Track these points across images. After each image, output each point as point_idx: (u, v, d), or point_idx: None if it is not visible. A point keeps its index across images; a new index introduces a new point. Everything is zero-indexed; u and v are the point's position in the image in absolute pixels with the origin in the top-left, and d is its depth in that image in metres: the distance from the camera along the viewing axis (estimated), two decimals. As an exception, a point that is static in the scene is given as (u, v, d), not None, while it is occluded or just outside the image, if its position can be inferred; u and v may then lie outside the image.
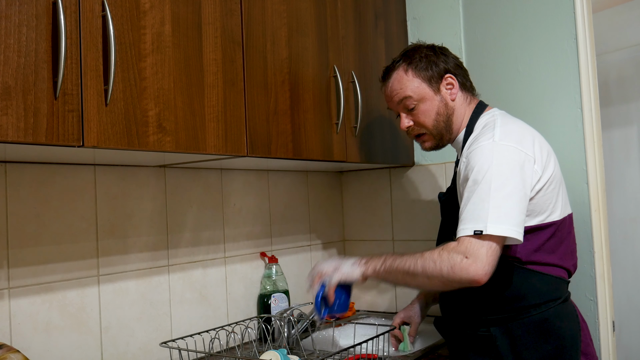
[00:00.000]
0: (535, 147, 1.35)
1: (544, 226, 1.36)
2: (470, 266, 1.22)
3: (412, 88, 1.48)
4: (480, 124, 1.45)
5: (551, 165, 1.38)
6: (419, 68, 1.48)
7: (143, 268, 1.55)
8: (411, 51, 1.53)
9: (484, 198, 1.26)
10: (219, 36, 1.31)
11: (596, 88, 1.75)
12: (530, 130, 1.41)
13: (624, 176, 2.77)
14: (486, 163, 1.29)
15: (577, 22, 1.72)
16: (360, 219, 2.25)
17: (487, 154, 1.30)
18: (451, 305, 1.47)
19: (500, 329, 1.35)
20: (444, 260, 1.26)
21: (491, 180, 1.27)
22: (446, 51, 1.54)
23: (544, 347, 1.33)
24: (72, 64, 1.00)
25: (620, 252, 2.70)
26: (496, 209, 1.25)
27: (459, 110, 1.49)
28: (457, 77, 1.49)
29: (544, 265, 1.37)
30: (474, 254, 1.23)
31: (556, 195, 1.38)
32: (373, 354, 1.48)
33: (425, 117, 1.48)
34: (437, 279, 1.27)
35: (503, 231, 1.23)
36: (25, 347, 1.28)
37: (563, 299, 1.39)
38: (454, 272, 1.24)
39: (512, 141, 1.32)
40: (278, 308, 1.81)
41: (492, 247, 1.24)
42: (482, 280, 1.22)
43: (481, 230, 1.23)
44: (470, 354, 1.41)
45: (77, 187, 1.41)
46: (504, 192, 1.26)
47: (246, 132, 1.36)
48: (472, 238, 1.24)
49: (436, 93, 1.48)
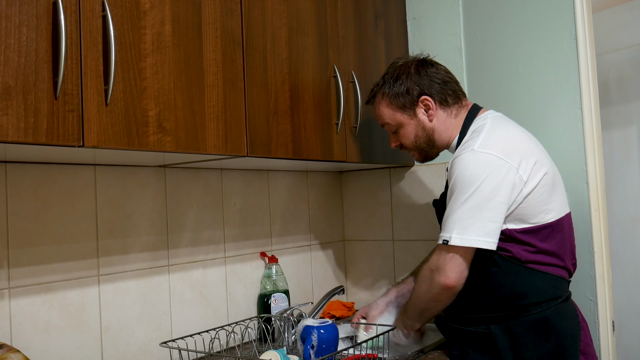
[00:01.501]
0: (521, 153, 1.36)
1: (538, 228, 1.37)
2: (437, 277, 1.37)
3: (389, 116, 1.56)
4: (471, 129, 1.47)
5: (542, 169, 1.38)
6: (393, 95, 1.53)
7: (143, 268, 1.55)
8: (391, 72, 1.55)
9: (455, 209, 1.34)
10: (219, 36, 1.31)
11: (596, 88, 1.75)
12: (519, 135, 1.42)
13: (624, 176, 2.77)
14: (461, 173, 1.34)
15: (577, 22, 1.72)
16: (360, 219, 2.25)
17: (464, 163, 1.35)
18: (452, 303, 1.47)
19: (500, 327, 1.36)
20: (420, 282, 1.44)
21: (464, 191, 1.33)
22: (427, 67, 1.52)
23: (543, 346, 1.34)
24: (72, 64, 1.00)
25: (620, 252, 2.70)
26: (462, 220, 1.32)
27: (441, 127, 1.52)
28: (434, 97, 1.49)
29: (544, 265, 1.38)
30: (437, 266, 1.37)
31: (548, 197, 1.38)
32: (373, 354, 1.48)
33: (405, 140, 1.57)
34: (431, 301, 1.42)
35: (465, 242, 1.31)
36: (25, 347, 1.28)
37: (564, 298, 1.40)
38: (430, 286, 1.40)
39: (492, 149, 1.35)
40: (278, 308, 1.81)
41: (456, 257, 1.34)
42: (450, 284, 1.35)
43: (447, 240, 1.34)
44: (469, 351, 1.41)
45: (77, 187, 1.41)
46: (473, 202, 1.31)
47: (246, 132, 1.36)
48: (442, 247, 1.36)
49: (412, 118, 1.53)
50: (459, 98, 1.53)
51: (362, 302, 2.21)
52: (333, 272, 2.24)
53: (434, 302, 1.41)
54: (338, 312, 2.04)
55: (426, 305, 1.44)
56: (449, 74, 1.54)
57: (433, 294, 1.39)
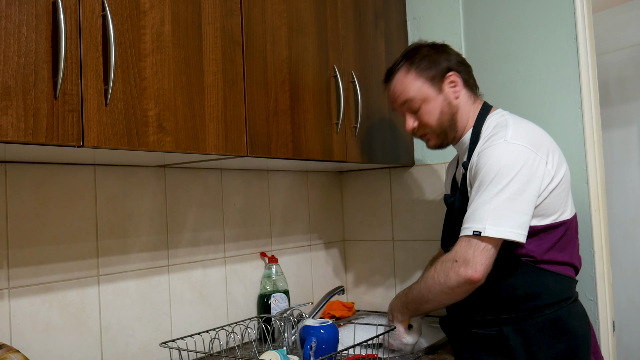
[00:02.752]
0: (548, 148, 1.36)
1: (556, 225, 1.37)
2: (460, 267, 1.29)
3: (415, 89, 1.48)
4: (490, 124, 1.44)
5: (564, 165, 1.39)
6: (421, 68, 1.48)
7: (143, 268, 1.55)
8: (412, 51, 1.52)
9: (488, 199, 1.29)
10: (219, 36, 1.31)
11: (596, 88, 1.75)
12: (542, 132, 1.42)
13: (624, 176, 2.77)
14: (495, 163, 1.31)
15: (577, 22, 1.72)
16: (360, 219, 2.25)
17: (498, 153, 1.32)
18: (460, 305, 1.45)
19: (513, 329, 1.35)
20: (439, 272, 1.35)
21: (498, 181, 1.29)
22: (448, 49, 1.53)
23: (557, 346, 1.33)
24: (72, 64, 1.00)
25: (620, 252, 2.70)
26: (497, 211, 1.27)
27: (464, 108, 1.48)
28: (460, 75, 1.48)
29: (556, 264, 1.37)
30: (466, 257, 1.29)
31: (567, 194, 1.39)
32: (373, 354, 1.48)
33: (429, 117, 1.48)
34: (441, 292, 1.35)
35: (500, 233, 1.27)
36: (25, 347, 1.28)
37: (574, 299, 1.40)
38: (449, 278, 1.32)
39: (524, 141, 1.33)
40: (278, 308, 1.81)
41: (488, 249, 1.29)
42: (476, 278, 1.28)
43: (480, 231, 1.28)
44: (481, 353, 1.40)
45: (77, 187, 1.41)
46: (508, 193, 1.28)
47: (246, 132, 1.36)
48: (470, 238, 1.29)
49: (439, 92, 1.47)
50: (476, 85, 1.54)
51: (362, 302, 2.21)
52: (333, 272, 2.24)
53: (445, 295, 1.35)
54: (338, 312, 2.04)
55: (434, 297, 1.38)
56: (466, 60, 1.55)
57: (450, 286, 1.32)
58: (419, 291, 1.42)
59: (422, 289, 1.41)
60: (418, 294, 1.43)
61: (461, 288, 1.32)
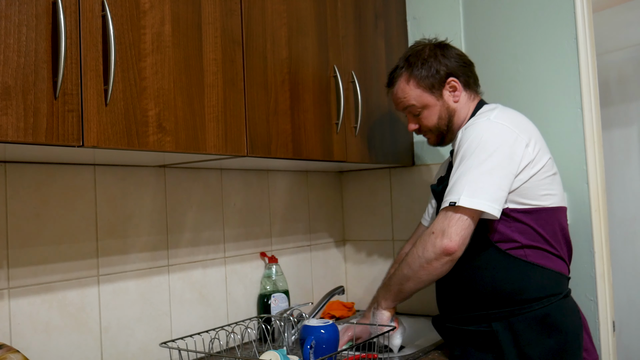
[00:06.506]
0: (531, 133, 1.40)
1: (535, 210, 1.38)
2: (437, 238, 1.32)
3: (415, 97, 1.55)
4: (480, 112, 1.50)
5: (546, 155, 1.42)
6: (420, 77, 1.53)
7: (143, 268, 1.55)
8: (413, 56, 1.56)
9: (465, 172, 1.33)
10: (219, 36, 1.31)
11: (596, 88, 1.75)
12: (529, 121, 1.47)
13: (624, 176, 2.77)
14: (476, 138, 1.36)
15: (577, 22, 1.72)
16: (360, 219, 2.24)
17: (479, 130, 1.38)
18: (449, 302, 1.47)
19: (502, 324, 1.36)
20: (417, 246, 1.37)
21: (477, 155, 1.33)
22: (449, 50, 1.56)
23: (546, 342, 1.33)
24: (72, 64, 1.00)
25: (620, 252, 2.70)
26: (474, 183, 1.31)
27: (462, 109, 1.55)
28: (460, 78, 1.53)
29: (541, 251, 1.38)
30: (442, 228, 1.32)
31: (550, 183, 1.41)
32: (373, 354, 1.48)
33: (428, 121, 1.56)
34: (421, 268, 1.35)
35: (474, 204, 1.30)
36: (25, 347, 1.28)
37: (564, 295, 1.40)
38: (426, 249, 1.34)
39: (507, 122, 1.39)
40: (278, 308, 1.81)
41: (463, 219, 1.31)
42: (451, 247, 1.30)
43: (454, 202, 1.31)
44: (471, 350, 1.41)
45: (77, 187, 1.41)
46: (486, 167, 1.32)
47: (246, 132, 1.36)
48: (447, 210, 1.33)
49: (438, 99, 1.54)
50: (476, 83, 1.59)
51: (362, 302, 2.21)
52: (333, 272, 2.24)
53: (424, 270, 1.34)
54: (338, 312, 2.04)
55: (414, 273, 1.37)
56: (467, 57, 1.59)
57: (428, 259, 1.33)
58: (400, 270, 1.42)
59: (402, 267, 1.41)
60: (399, 273, 1.42)
61: (438, 260, 1.33)
